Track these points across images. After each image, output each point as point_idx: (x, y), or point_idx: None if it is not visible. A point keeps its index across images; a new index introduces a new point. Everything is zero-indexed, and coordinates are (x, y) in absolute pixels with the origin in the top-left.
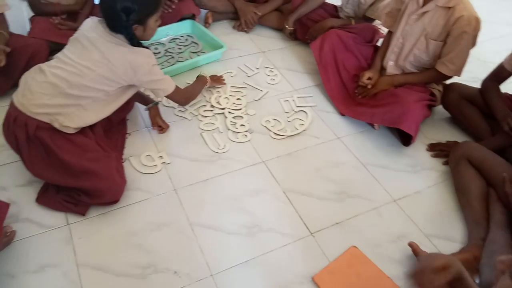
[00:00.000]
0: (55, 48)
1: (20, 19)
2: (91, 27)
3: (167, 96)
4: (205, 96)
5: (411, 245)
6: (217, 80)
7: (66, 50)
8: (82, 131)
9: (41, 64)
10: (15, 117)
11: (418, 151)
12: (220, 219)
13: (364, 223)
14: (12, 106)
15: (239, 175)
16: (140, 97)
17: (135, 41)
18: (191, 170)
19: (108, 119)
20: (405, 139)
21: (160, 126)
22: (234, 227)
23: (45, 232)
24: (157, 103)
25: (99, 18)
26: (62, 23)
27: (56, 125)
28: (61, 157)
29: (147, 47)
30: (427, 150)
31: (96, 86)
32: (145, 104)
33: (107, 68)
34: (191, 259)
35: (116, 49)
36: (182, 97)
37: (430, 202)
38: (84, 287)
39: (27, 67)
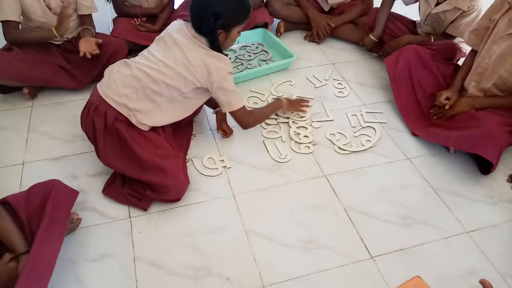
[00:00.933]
0: (133, 48)
1: (104, 19)
2: (177, 29)
3: (232, 113)
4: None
5: (483, 282)
6: (297, 105)
7: (151, 48)
8: (154, 128)
9: (126, 59)
10: (96, 106)
11: (497, 181)
12: (276, 230)
13: (431, 253)
14: (95, 95)
15: (298, 187)
16: (209, 100)
17: (216, 46)
18: (250, 176)
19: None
20: (484, 167)
21: (224, 130)
22: (289, 240)
23: (108, 222)
24: None
25: (185, 21)
26: (142, 25)
27: (133, 120)
28: (134, 150)
29: (226, 55)
30: (508, 181)
31: (174, 84)
32: (213, 108)
33: (185, 67)
34: (244, 267)
35: (196, 51)
36: (246, 119)
37: (507, 237)
38: (139, 281)
39: (107, 64)
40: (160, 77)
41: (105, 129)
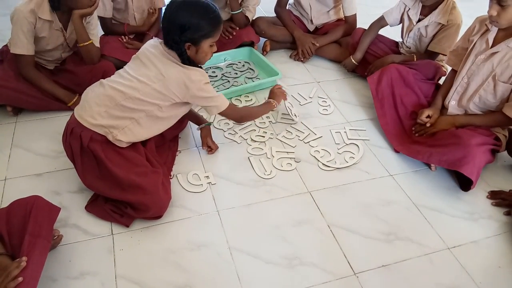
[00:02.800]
0: (121, 66)
1: None
2: (151, 45)
3: (221, 113)
4: (255, 121)
5: None
6: (280, 94)
7: (126, 67)
8: (133, 146)
9: (102, 79)
10: (72, 129)
11: (478, 198)
12: (260, 247)
13: (413, 269)
14: (72, 117)
15: (283, 203)
16: (193, 117)
17: (185, 59)
18: (235, 193)
19: (161, 136)
20: (465, 184)
21: (209, 146)
22: (273, 257)
23: (90, 239)
24: (209, 124)
25: (160, 40)
26: (129, 42)
27: (110, 137)
28: (110, 169)
29: (200, 67)
30: (488, 197)
31: (150, 100)
32: (198, 124)
33: (161, 83)
34: (227, 284)
35: (171, 66)
36: (237, 114)
37: (488, 254)
38: None
39: None
40: (134, 93)
41: (82, 151)
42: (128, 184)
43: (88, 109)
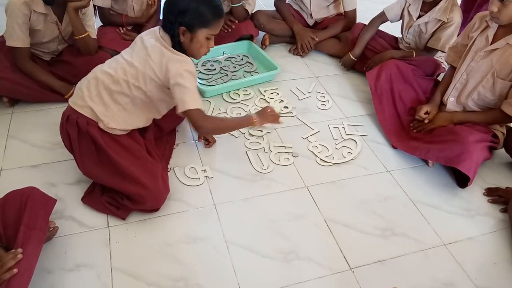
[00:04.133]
0: None
1: None
2: (149, 32)
3: (186, 114)
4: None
5: None
6: (268, 116)
7: (122, 51)
8: (132, 136)
9: (96, 67)
10: (67, 116)
11: (474, 195)
12: (257, 241)
13: (409, 265)
14: (68, 106)
15: (280, 197)
16: None
17: (176, 43)
18: (232, 187)
19: (159, 128)
20: (462, 180)
21: (206, 140)
22: (270, 251)
23: (85, 232)
24: None
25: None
26: (127, 33)
27: (101, 125)
28: (111, 155)
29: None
30: (484, 194)
31: (135, 82)
32: None
33: (145, 63)
34: (223, 278)
35: (159, 48)
36: (201, 122)
37: (484, 250)
38: None
39: None
40: (122, 76)
41: (80, 137)
42: (127, 173)
43: (80, 93)
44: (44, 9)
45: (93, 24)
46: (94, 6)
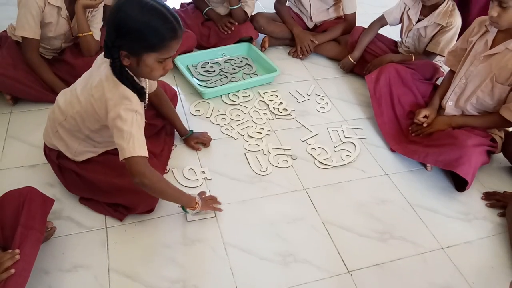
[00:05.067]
0: None
1: None
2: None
3: (126, 162)
4: (252, 117)
5: None
6: (209, 205)
7: (81, 76)
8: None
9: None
10: (44, 148)
11: (472, 199)
12: (255, 243)
13: (407, 268)
14: None
15: (278, 199)
16: (176, 127)
17: (116, 70)
18: (230, 188)
19: (150, 125)
20: (460, 184)
21: (202, 143)
22: (268, 253)
23: (83, 232)
24: (191, 133)
25: None
26: None
27: (70, 157)
28: (90, 179)
29: (139, 90)
30: (482, 198)
31: (80, 121)
32: (181, 135)
33: (88, 98)
34: (220, 280)
35: (99, 79)
36: (141, 174)
37: (482, 255)
38: None
39: None
40: (70, 112)
41: (59, 168)
42: (111, 187)
43: (46, 129)
44: (60, 2)
45: (99, 28)
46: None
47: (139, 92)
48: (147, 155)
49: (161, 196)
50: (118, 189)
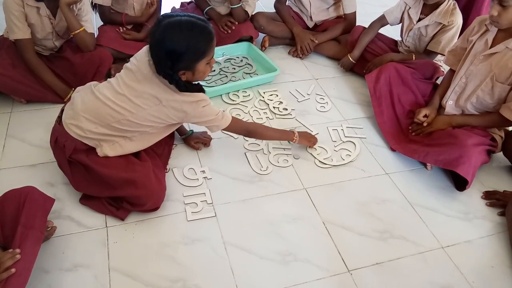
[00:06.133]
0: (118, 56)
1: None
2: (142, 61)
3: (225, 130)
4: (252, 116)
5: None
6: (309, 139)
7: (119, 77)
8: None
9: (93, 86)
10: (56, 138)
11: (472, 198)
12: (255, 242)
13: (407, 267)
14: (58, 125)
15: (278, 199)
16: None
17: (182, 87)
18: (231, 188)
19: None
20: (460, 184)
21: (202, 143)
22: (268, 253)
23: (83, 232)
24: (191, 132)
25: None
26: (126, 32)
27: (98, 150)
28: (100, 172)
29: (200, 87)
30: (482, 198)
31: (146, 123)
32: (180, 134)
33: (157, 108)
34: (221, 279)
35: (165, 91)
36: (242, 128)
37: (482, 254)
38: None
39: (95, 76)
40: (127, 116)
41: (67, 163)
42: (119, 182)
43: (78, 122)
44: (35, 2)
45: (90, 19)
46: (94, 4)
47: (200, 89)
48: (231, 117)
49: (260, 138)
50: (129, 183)
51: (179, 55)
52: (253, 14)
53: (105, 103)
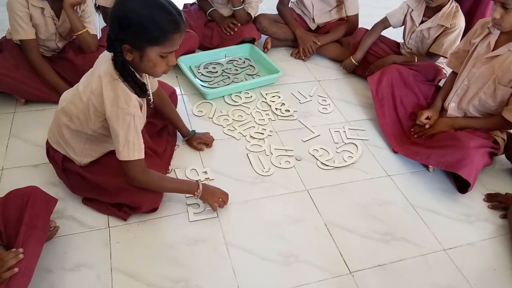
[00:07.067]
0: None
1: None
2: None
3: (124, 163)
4: (254, 118)
5: None
6: (215, 197)
7: (84, 75)
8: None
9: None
10: (47, 149)
11: (474, 200)
12: (257, 243)
13: (409, 270)
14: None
15: (280, 200)
16: (178, 128)
17: (119, 64)
18: (232, 189)
19: (151, 124)
20: (462, 186)
21: (205, 143)
22: (270, 254)
23: (86, 232)
24: (193, 133)
25: None
26: None
27: (76, 163)
28: (93, 180)
29: (141, 85)
30: (485, 200)
31: (83, 119)
32: (183, 136)
33: (89, 95)
34: (222, 280)
35: (97, 76)
36: (136, 174)
37: (483, 256)
38: None
39: None
40: (74, 111)
41: (62, 170)
42: (115, 188)
43: (51, 129)
44: (40, 2)
45: (93, 20)
46: (98, 6)
47: (141, 87)
48: (143, 156)
49: (161, 190)
50: (122, 189)
51: (128, 24)
52: (255, 16)
53: (61, 103)
